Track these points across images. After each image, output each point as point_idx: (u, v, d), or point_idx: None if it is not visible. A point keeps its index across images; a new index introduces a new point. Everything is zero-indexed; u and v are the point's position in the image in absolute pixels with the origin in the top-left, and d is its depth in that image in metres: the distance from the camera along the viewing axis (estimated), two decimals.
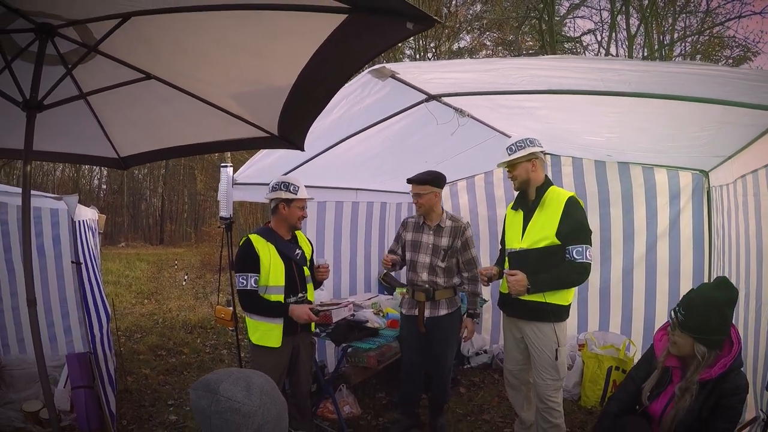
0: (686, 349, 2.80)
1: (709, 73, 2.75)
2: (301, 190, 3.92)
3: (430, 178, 4.27)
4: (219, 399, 1.44)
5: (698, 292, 2.85)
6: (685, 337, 2.78)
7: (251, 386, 1.49)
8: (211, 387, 1.47)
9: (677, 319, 2.81)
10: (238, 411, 1.44)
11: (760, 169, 3.30)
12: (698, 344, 2.74)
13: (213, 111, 2.77)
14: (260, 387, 1.51)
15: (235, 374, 1.52)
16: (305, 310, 3.80)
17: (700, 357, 2.74)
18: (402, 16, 1.64)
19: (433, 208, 4.34)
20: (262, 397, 1.48)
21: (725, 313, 2.72)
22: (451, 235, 4.32)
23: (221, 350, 7.75)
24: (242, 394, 1.46)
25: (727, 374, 2.71)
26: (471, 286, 4.37)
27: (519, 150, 3.70)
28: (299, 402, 4.16)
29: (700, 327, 2.72)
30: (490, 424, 4.89)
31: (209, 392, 1.46)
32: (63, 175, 32.56)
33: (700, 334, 2.72)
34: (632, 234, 5.67)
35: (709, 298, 2.73)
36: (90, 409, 4.55)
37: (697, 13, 17.77)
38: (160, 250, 25.38)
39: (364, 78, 3.36)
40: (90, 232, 5.41)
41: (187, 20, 2.03)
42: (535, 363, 3.75)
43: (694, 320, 2.73)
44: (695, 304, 2.77)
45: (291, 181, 3.92)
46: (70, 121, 2.96)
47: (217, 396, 1.45)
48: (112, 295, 9.57)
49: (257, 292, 3.81)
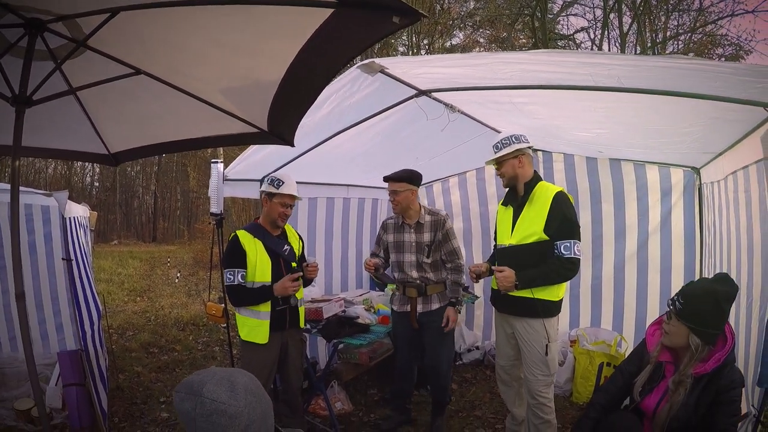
0: (680, 339, 2.79)
1: (698, 67, 2.75)
2: (285, 186, 3.89)
3: (405, 175, 4.28)
4: (203, 401, 1.42)
5: (699, 283, 2.86)
6: (680, 327, 2.77)
7: (235, 386, 1.46)
8: (195, 389, 1.44)
9: (675, 308, 2.81)
10: (223, 412, 1.41)
11: (750, 165, 3.31)
12: (693, 335, 2.73)
13: (203, 106, 2.76)
14: (245, 386, 1.48)
15: (219, 374, 1.49)
16: (284, 282, 3.80)
17: (694, 348, 2.73)
18: (388, 10, 1.64)
19: (410, 206, 4.34)
20: (247, 397, 1.46)
21: (723, 308, 2.72)
22: (432, 230, 4.33)
23: (213, 347, 7.75)
24: (227, 395, 1.43)
25: (722, 369, 2.71)
26: (453, 275, 4.36)
27: (505, 147, 3.70)
28: (290, 399, 4.16)
29: (697, 317, 2.72)
30: (482, 420, 4.90)
31: (193, 395, 1.43)
32: (55, 172, 32.52)
33: (696, 324, 2.72)
34: (624, 230, 5.68)
35: (710, 289, 2.73)
36: (82, 406, 4.54)
37: (690, 12, 17.87)
38: (152, 248, 25.39)
39: (354, 73, 3.35)
40: (81, 229, 5.40)
41: (176, 15, 2.02)
42: (525, 359, 3.74)
43: (693, 309, 2.73)
44: (695, 293, 2.77)
45: (278, 176, 3.92)
46: (60, 117, 2.95)
47: (202, 398, 1.42)
48: (104, 293, 9.57)
49: (245, 286, 3.81)
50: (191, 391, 1.44)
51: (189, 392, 1.44)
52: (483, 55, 4.33)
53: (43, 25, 2.15)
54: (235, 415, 1.42)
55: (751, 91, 2.72)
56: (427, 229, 4.33)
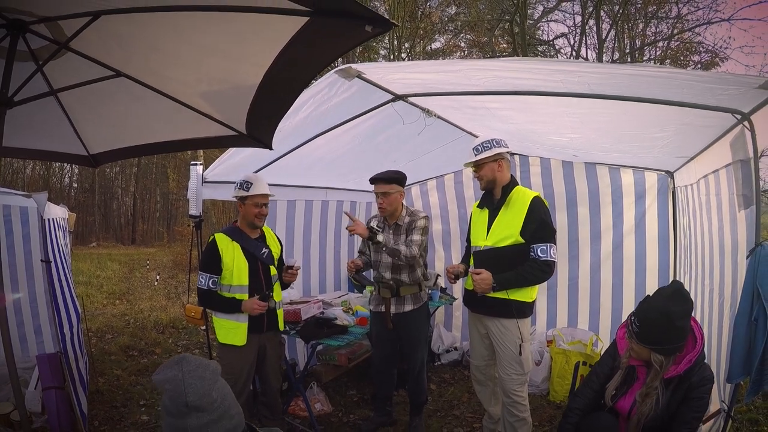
0: (644, 355, 2.85)
1: (666, 75, 2.84)
2: (256, 186, 3.90)
3: (396, 176, 4.24)
4: (188, 359, 1.58)
5: (653, 303, 2.85)
6: (641, 347, 2.83)
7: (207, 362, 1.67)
8: (176, 360, 1.60)
9: (632, 330, 2.85)
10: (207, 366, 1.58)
11: (720, 169, 3.41)
12: (655, 354, 2.78)
13: (182, 109, 2.79)
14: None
15: None
16: (252, 302, 3.81)
17: (658, 365, 2.79)
18: (360, 20, 1.70)
19: (396, 209, 4.33)
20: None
21: (679, 326, 2.74)
22: (407, 231, 4.31)
23: (193, 350, 7.72)
24: (204, 360, 1.62)
25: (693, 368, 2.77)
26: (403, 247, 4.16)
27: (485, 150, 3.73)
28: (269, 400, 4.18)
29: (656, 340, 2.76)
30: (460, 420, 4.96)
31: (176, 362, 1.59)
32: (33, 173, 32.03)
33: (655, 344, 2.77)
34: (599, 233, 5.78)
35: (664, 311, 2.74)
36: (61, 410, 4.50)
37: (667, 19, 18.15)
38: (132, 250, 25.12)
39: (331, 78, 3.40)
40: (60, 230, 5.38)
41: (157, 20, 2.06)
42: (500, 358, 3.80)
43: (650, 334, 2.77)
44: (650, 317, 2.79)
45: (247, 179, 3.93)
46: (41, 118, 2.96)
47: (186, 359, 1.59)
48: (83, 296, 9.48)
49: (215, 292, 3.85)
50: (173, 362, 1.61)
51: (171, 363, 1.61)
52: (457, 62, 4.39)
53: (25, 26, 2.17)
54: (216, 370, 1.60)
55: (720, 98, 2.80)
56: (404, 230, 4.31)
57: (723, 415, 3.18)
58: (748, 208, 2.95)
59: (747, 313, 2.78)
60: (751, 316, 2.75)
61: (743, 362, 2.84)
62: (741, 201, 3.02)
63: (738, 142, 3.01)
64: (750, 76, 2.66)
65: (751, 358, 2.78)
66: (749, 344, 2.79)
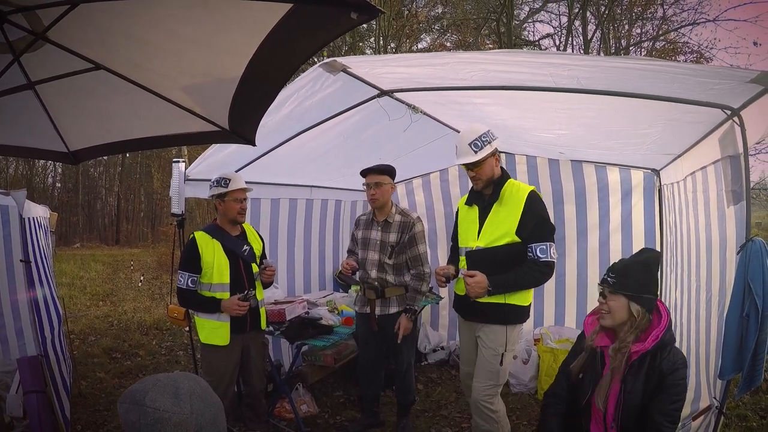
0: (621, 313, 2.71)
1: (657, 69, 2.81)
2: (233, 182, 3.86)
3: (388, 169, 4.24)
4: (146, 411, 1.36)
5: (624, 259, 2.86)
6: (618, 299, 2.71)
7: (179, 392, 1.41)
8: (138, 399, 1.38)
9: (608, 284, 2.75)
10: (167, 421, 1.36)
11: (708, 165, 3.39)
12: (632, 303, 2.68)
13: (164, 104, 2.72)
14: (190, 391, 1.43)
15: (162, 381, 1.44)
16: (233, 302, 3.76)
17: (636, 314, 2.68)
18: (345, 6, 1.65)
19: (387, 202, 4.30)
20: (193, 402, 1.41)
21: (653, 272, 2.76)
22: (399, 231, 4.26)
23: (177, 351, 7.65)
24: (171, 403, 1.38)
25: (662, 349, 2.65)
26: (414, 282, 4.26)
27: (485, 146, 3.41)
28: (254, 402, 4.15)
29: (632, 284, 2.68)
30: (448, 420, 4.94)
31: (136, 405, 1.38)
32: (16, 173, 31.67)
33: (633, 291, 2.68)
34: (586, 231, 5.80)
35: (637, 258, 2.77)
36: (42, 414, 4.40)
37: (653, 20, 18.29)
38: (115, 251, 24.94)
39: (316, 72, 3.34)
40: (41, 230, 5.28)
41: (137, 9, 2.00)
42: (478, 363, 3.57)
43: (626, 279, 2.69)
44: (624, 263, 2.77)
45: (223, 176, 3.89)
46: (18, 113, 2.88)
47: (144, 408, 1.37)
48: (65, 297, 9.37)
49: (194, 291, 3.81)
50: (134, 401, 1.39)
51: (132, 402, 1.39)
52: (444, 54, 4.34)
53: (2, 17, 2.11)
54: (180, 422, 1.38)
55: (709, 93, 2.78)
56: (395, 229, 4.26)
57: (715, 412, 3.16)
58: (738, 204, 2.93)
59: (738, 309, 2.76)
60: (742, 312, 2.73)
61: (735, 358, 2.81)
62: (730, 197, 3.00)
63: (727, 138, 2.99)
64: (742, 69, 2.65)
65: (742, 354, 2.76)
66: (740, 340, 2.77)
